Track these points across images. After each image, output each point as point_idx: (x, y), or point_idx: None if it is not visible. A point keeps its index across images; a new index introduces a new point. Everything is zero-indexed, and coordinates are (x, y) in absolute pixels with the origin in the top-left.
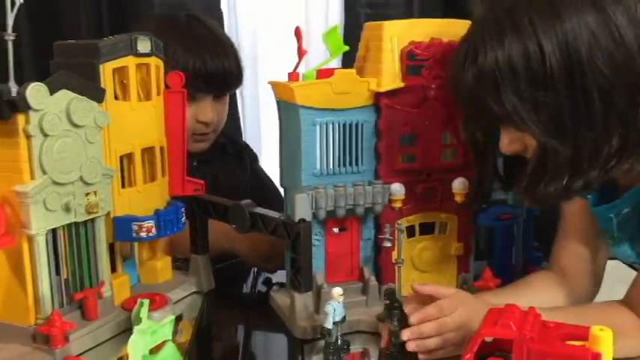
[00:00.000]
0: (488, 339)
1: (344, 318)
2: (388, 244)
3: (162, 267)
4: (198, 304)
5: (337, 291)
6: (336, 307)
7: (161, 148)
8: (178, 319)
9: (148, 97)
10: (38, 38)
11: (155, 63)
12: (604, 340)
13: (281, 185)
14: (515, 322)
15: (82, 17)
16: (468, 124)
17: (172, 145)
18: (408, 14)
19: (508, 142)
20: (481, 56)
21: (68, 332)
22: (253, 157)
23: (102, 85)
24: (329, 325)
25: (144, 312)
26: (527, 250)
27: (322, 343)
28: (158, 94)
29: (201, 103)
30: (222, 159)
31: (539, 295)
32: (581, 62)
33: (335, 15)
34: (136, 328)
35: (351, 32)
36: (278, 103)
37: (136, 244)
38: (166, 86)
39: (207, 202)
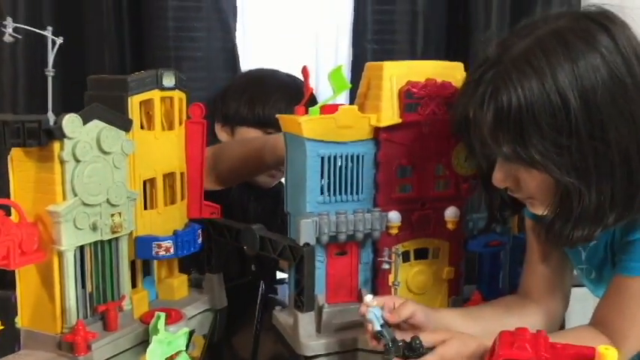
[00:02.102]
0: None
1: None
2: (386, 267)
3: (178, 284)
4: (210, 320)
5: (369, 297)
6: (375, 312)
7: (181, 174)
8: (191, 333)
9: (170, 127)
10: (65, 69)
11: (178, 96)
12: (609, 358)
13: (285, 211)
14: (529, 344)
15: (105, 51)
16: (476, 157)
17: (191, 171)
18: (412, 50)
19: (503, 177)
20: (503, 98)
21: (90, 341)
22: None
23: (129, 116)
24: (378, 327)
25: (161, 323)
26: (513, 276)
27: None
28: (180, 124)
29: None
30: (277, 198)
31: (504, 316)
32: (597, 105)
33: (344, 49)
34: (154, 338)
35: (359, 66)
36: (285, 135)
37: (155, 263)
38: (188, 117)
39: (222, 225)
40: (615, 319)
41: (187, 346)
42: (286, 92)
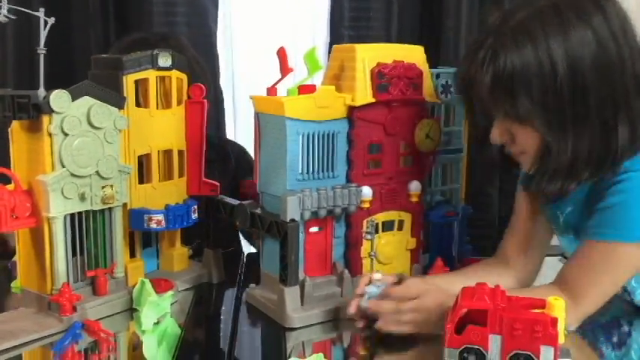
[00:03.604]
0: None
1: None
2: (369, 237)
3: (178, 257)
4: (200, 294)
5: (378, 275)
6: (373, 289)
7: (179, 152)
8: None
9: (169, 106)
10: (52, 48)
11: (177, 76)
12: (558, 307)
13: (258, 190)
14: (488, 296)
15: (90, 32)
16: (475, 115)
17: (191, 149)
18: (387, 35)
19: (499, 133)
20: (500, 61)
21: (75, 303)
22: (239, 153)
23: (124, 94)
24: (365, 304)
25: (148, 287)
26: (460, 243)
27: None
28: (179, 103)
29: None
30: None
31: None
32: (582, 73)
33: (321, 35)
34: (148, 300)
35: None
36: (258, 115)
37: (156, 235)
38: (189, 96)
39: (219, 202)
40: (577, 279)
41: (172, 313)
42: None
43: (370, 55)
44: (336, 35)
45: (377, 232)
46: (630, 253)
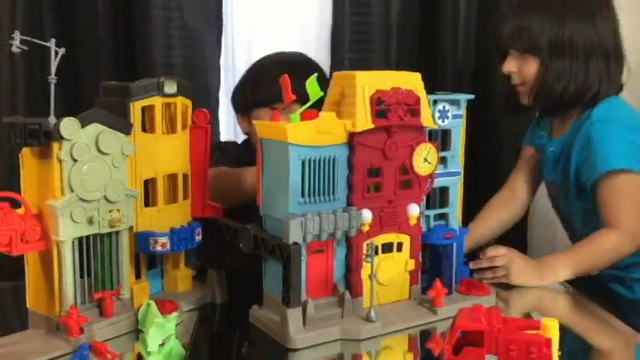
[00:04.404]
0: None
1: None
2: (369, 260)
3: (182, 278)
4: (204, 314)
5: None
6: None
7: (184, 175)
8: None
9: (174, 131)
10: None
11: (182, 102)
12: (552, 328)
13: (261, 213)
14: (484, 317)
15: (101, 57)
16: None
17: (195, 173)
18: (387, 59)
19: (510, 64)
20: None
21: (83, 325)
22: None
23: (131, 120)
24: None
25: (153, 309)
26: (459, 264)
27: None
28: (184, 128)
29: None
30: None
31: (497, 212)
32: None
33: (323, 58)
34: (155, 321)
35: None
36: (262, 140)
37: (161, 256)
38: (193, 122)
39: (222, 224)
40: (606, 213)
41: (178, 334)
42: (282, 67)
43: (369, 82)
44: (337, 59)
45: (377, 253)
46: None
